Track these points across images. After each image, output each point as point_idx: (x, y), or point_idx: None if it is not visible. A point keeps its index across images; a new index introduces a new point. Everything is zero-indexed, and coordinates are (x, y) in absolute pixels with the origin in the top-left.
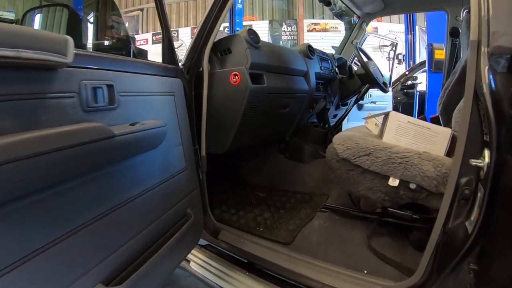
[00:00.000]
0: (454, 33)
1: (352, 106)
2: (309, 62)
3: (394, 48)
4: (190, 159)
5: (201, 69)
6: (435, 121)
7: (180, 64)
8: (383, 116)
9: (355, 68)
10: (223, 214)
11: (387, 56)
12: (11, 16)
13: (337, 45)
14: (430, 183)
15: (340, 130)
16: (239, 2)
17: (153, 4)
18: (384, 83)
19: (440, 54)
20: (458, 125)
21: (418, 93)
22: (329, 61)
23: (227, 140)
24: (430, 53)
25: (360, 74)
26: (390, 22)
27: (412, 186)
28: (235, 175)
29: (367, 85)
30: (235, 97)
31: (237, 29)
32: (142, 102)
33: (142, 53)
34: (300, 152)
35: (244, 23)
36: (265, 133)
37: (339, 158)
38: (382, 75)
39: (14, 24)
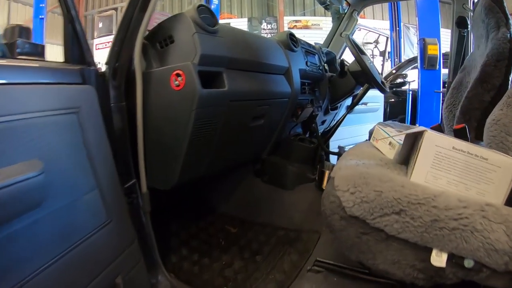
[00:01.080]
0: (461, 23)
1: (349, 111)
2: (292, 56)
3: (385, 43)
4: (117, 204)
5: (132, 68)
6: (460, 133)
7: (104, 62)
8: (403, 134)
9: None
10: (182, 262)
11: (371, 54)
12: None
13: (321, 42)
14: (498, 259)
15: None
16: None
17: None
18: (383, 82)
19: (434, 49)
20: (495, 140)
21: (410, 92)
22: (317, 55)
23: (174, 170)
24: (423, 49)
25: (354, 72)
26: (374, 18)
27: (469, 264)
28: (201, 203)
29: (366, 85)
30: (179, 108)
31: None
32: (3, 134)
33: (35, 50)
34: (281, 175)
35: (221, 21)
36: (232, 155)
37: (347, 215)
38: (379, 72)
39: None
